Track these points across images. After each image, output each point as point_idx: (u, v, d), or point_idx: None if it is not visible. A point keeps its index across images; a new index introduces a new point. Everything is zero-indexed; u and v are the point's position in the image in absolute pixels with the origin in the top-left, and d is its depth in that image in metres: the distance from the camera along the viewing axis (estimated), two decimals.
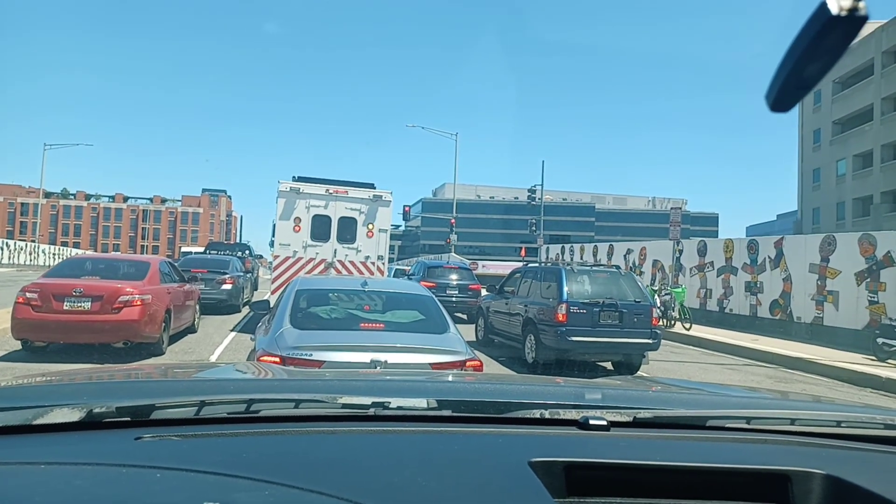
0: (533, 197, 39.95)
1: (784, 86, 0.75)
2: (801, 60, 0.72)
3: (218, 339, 11.97)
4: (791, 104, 0.78)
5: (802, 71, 0.73)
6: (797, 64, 0.73)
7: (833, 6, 0.68)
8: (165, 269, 10.93)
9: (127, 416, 1.14)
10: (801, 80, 0.74)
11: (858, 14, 0.68)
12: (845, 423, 1.42)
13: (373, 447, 1.11)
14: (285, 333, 4.78)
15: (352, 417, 1.25)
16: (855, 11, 0.67)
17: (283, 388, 1.57)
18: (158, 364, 8.41)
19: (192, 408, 1.18)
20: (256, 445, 1.07)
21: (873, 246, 13.96)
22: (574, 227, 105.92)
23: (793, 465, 1.11)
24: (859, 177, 45.80)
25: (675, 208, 19.75)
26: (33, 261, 49.80)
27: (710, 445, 1.25)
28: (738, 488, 1.09)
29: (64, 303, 8.70)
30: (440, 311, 5.54)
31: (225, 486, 0.90)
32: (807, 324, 15.58)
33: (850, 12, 0.67)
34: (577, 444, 1.18)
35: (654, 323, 10.05)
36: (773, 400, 2.08)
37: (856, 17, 0.68)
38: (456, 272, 19.06)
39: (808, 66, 0.73)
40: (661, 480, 1.09)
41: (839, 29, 0.69)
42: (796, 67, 0.73)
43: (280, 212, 13.66)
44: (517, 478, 0.99)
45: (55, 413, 1.10)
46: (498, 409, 1.34)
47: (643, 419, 1.31)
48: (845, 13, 0.68)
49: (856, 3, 0.67)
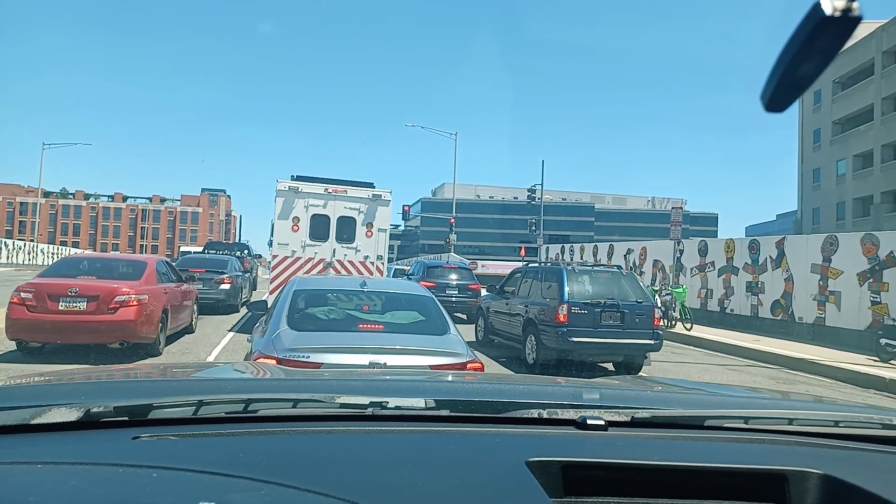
0: (533, 196, 39.85)
1: (778, 86, 0.76)
2: (794, 61, 0.73)
3: (216, 340, 11.87)
4: (786, 105, 0.79)
5: (796, 71, 0.74)
6: (791, 64, 0.74)
7: (827, 7, 0.68)
8: (162, 269, 10.84)
9: (124, 416, 1.14)
10: (794, 80, 0.75)
11: (852, 15, 0.68)
12: (843, 422, 1.42)
13: (371, 447, 1.10)
14: (282, 335, 4.68)
15: (350, 417, 1.25)
16: (849, 12, 0.68)
17: (280, 387, 1.56)
18: (156, 364, 8.31)
19: (189, 407, 1.17)
20: (254, 445, 1.06)
21: (876, 246, 13.87)
22: (573, 227, 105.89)
23: (790, 464, 1.10)
24: (859, 177, 45.74)
25: (676, 208, 19.67)
26: (32, 260, 49.65)
27: (708, 445, 1.25)
28: (736, 488, 1.09)
29: (59, 303, 8.60)
30: (440, 311, 5.44)
31: (222, 486, 0.89)
32: (808, 324, 15.50)
33: (843, 13, 0.68)
34: (574, 443, 1.17)
35: (656, 323, 9.96)
36: (772, 400, 2.06)
37: (849, 17, 0.68)
38: (455, 272, 18.97)
39: (802, 66, 0.74)
40: (658, 480, 1.08)
41: (833, 29, 0.69)
42: (790, 68, 0.74)
43: (278, 211, 13.57)
44: (514, 478, 0.99)
45: (52, 413, 1.10)
46: (496, 408, 1.34)
47: (641, 419, 1.31)
48: (839, 14, 0.68)
49: (849, 3, 0.68)
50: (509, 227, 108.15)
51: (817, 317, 15.29)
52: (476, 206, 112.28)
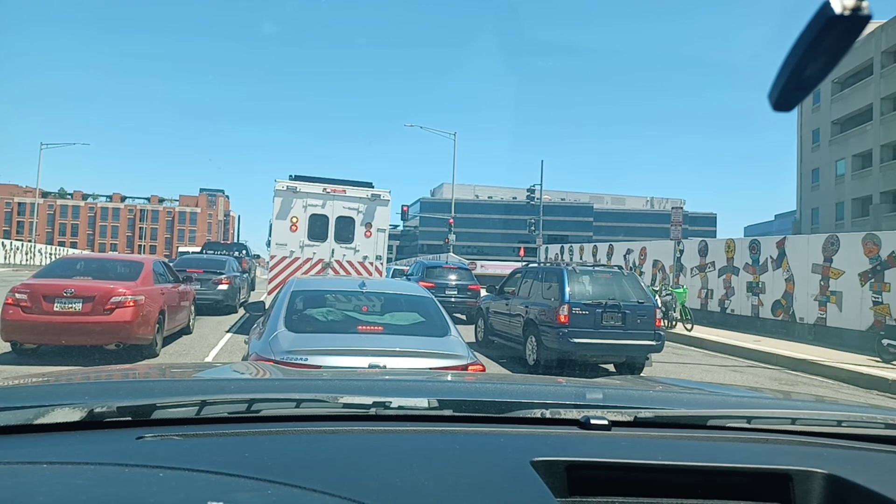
0: (532, 196, 39.75)
1: (786, 85, 0.76)
2: (802, 60, 0.73)
3: (213, 341, 11.77)
4: (793, 104, 0.79)
5: (804, 70, 0.74)
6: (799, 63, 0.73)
7: (836, 5, 0.67)
8: (159, 270, 10.74)
9: (128, 416, 1.13)
10: (802, 79, 0.75)
11: (861, 14, 0.67)
12: (846, 422, 1.41)
13: (374, 447, 1.10)
14: (279, 337, 4.58)
15: (353, 417, 1.24)
16: (858, 11, 0.67)
17: (283, 387, 1.55)
18: (158, 364, 8.22)
19: (192, 407, 1.17)
20: (258, 445, 1.06)
21: (877, 246, 13.80)
22: (572, 227, 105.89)
23: (794, 464, 1.10)
24: (858, 177, 45.71)
25: (676, 208, 19.57)
26: (29, 260, 49.49)
27: (712, 445, 1.25)
28: (740, 488, 1.09)
29: (55, 304, 8.49)
30: (441, 313, 5.35)
31: (229, 486, 0.89)
32: (809, 325, 15.43)
33: (853, 12, 0.67)
34: (578, 443, 1.18)
35: (658, 324, 9.87)
36: (774, 399, 2.06)
37: (859, 16, 0.67)
38: (455, 272, 18.87)
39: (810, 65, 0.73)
40: (662, 480, 1.08)
41: (841, 28, 0.69)
42: (798, 67, 0.73)
43: (276, 211, 13.47)
44: (519, 477, 0.99)
45: (56, 413, 1.09)
46: (499, 408, 1.33)
47: (644, 419, 1.31)
48: (848, 13, 0.67)
49: (859, 2, 0.67)
50: (508, 227, 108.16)
51: (818, 317, 15.22)
52: (475, 207, 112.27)
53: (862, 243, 14.22)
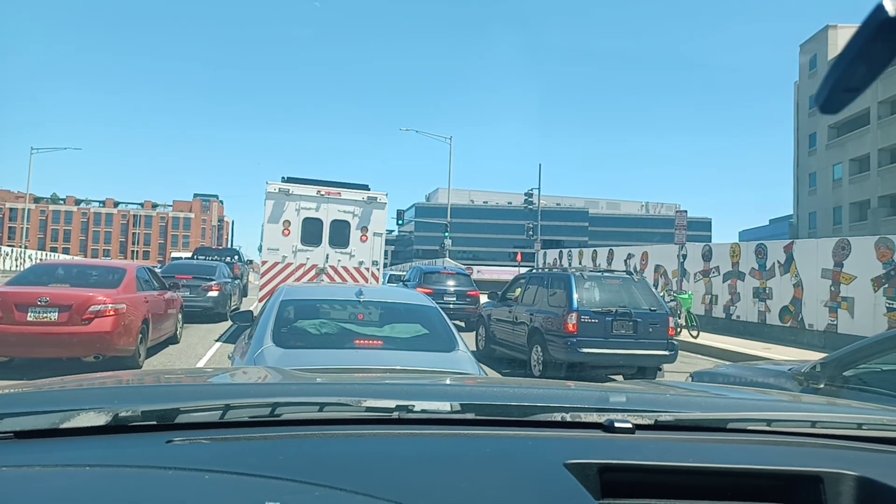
0: (530, 201, 39.38)
1: (835, 86, 0.74)
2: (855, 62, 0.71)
3: (201, 351, 11.21)
4: (841, 106, 0.78)
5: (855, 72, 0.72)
6: (851, 65, 0.72)
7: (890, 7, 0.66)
8: (144, 276, 10.19)
9: (153, 420, 1.13)
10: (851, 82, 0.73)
11: None
12: (867, 425, 1.40)
13: (402, 449, 1.10)
14: (265, 353, 4.04)
15: (375, 420, 1.24)
16: None
17: (306, 391, 1.54)
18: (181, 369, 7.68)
19: (217, 411, 1.17)
20: (286, 448, 1.06)
21: (891, 250, 13.36)
22: (568, 232, 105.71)
23: (823, 466, 1.10)
24: (856, 181, 45.54)
25: (679, 212, 19.16)
26: (19, 266, 48.68)
27: (735, 447, 1.24)
28: (767, 490, 1.09)
29: (28, 313, 7.92)
30: (446, 324, 4.82)
31: (277, 489, 0.89)
32: (819, 331, 14.97)
33: None
34: (604, 446, 1.17)
35: (671, 333, 9.36)
36: (791, 403, 2.03)
37: None
38: (454, 278, 18.36)
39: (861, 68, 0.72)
40: (689, 483, 1.08)
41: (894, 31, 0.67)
42: (850, 69, 0.72)
43: (268, 214, 12.91)
44: (555, 480, 0.98)
45: (82, 417, 1.09)
46: (522, 412, 1.33)
47: (665, 422, 1.30)
48: None
49: None
50: (504, 232, 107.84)
51: (829, 324, 14.76)
52: (470, 212, 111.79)
53: (875, 247, 13.77)
